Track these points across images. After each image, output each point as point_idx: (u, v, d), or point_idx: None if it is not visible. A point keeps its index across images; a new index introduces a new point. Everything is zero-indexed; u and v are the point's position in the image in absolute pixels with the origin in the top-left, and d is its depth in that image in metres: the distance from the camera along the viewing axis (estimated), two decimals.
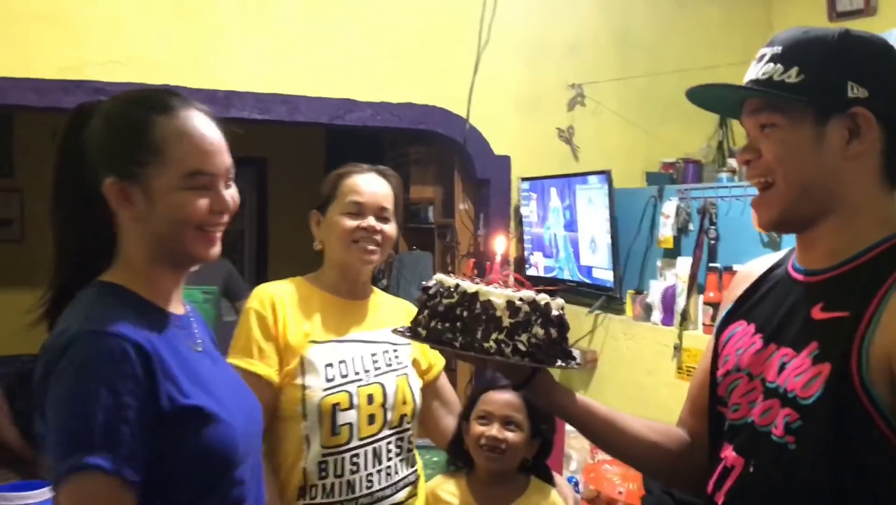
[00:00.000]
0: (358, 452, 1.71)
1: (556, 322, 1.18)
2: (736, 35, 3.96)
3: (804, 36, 1.11)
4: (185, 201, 1.16)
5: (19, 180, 5.38)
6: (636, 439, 1.29)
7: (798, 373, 1.06)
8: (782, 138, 1.10)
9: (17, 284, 5.29)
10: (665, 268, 2.85)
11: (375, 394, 1.74)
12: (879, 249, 1.08)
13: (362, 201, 1.79)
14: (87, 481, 1.03)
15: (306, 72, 3.37)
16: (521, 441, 1.77)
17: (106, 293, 1.16)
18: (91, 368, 1.05)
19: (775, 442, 1.07)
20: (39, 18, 3.01)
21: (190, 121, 1.18)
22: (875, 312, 1.01)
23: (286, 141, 5.54)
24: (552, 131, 3.79)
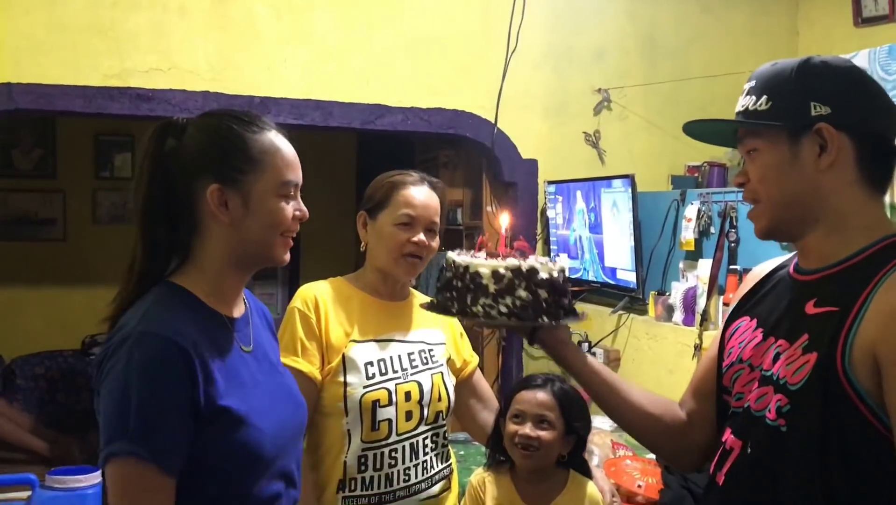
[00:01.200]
0: (396, 447, 1.78)
1: (543, 284, 1.32)
2: (761, 41, 4.00)
3: (772, 68, 1.24)
4: (279, 207, 1.30)
5: (61, 181, 5.55)
6: (636, 408, 1.41)
7: (789, 362, 1.16)
8: (763, 161, 1.22)
9: (60, 282, 5.49)
10: (687, 270, 2.91)
11: (413, 391, 1.80)
12: (868, 253, 1.17)
13: (415, 215, 1.82)
14: (125, 466, 1.15)
15: (339, 78, 3.48)
16: (553, 439, 1.80)
17: (169, 294, 1.26)
18: (137, 367, 1.16)
19: (769, 425, 1.17)
20: (87, 29, 3.16)
21: (278, 138, 1.34)
22: (861, 307, 1.10)
23: (318, 144, 5.66)
24: (579, 135, 3.87)
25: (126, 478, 1.15)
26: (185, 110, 3.24)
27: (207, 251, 1.30)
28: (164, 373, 1.16)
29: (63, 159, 5.55)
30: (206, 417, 1.20)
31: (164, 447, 1.16)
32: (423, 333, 1.90)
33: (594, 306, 3.36)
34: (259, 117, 1.34)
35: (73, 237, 5.57)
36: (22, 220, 5.47)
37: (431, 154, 4.76)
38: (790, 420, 1.14)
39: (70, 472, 1.89)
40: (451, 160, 4.54)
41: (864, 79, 1.23)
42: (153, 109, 3.21)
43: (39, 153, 5.50)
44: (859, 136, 1.19)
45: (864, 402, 1.08)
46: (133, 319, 1.21)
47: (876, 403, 1.08)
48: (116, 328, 1.23)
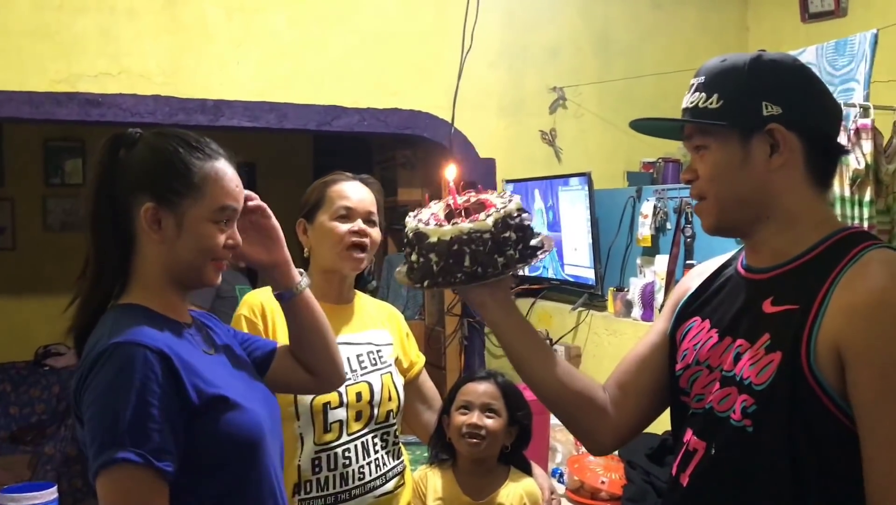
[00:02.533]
0: (348, 447, 1.78)
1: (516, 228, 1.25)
2: (712, 37, 4.07)
3: (722, 64, 1.23)
4: (211, 233, 1.31)
5: (10, 189, 5.43)
6: (559, 376, 1.33)
7: (752, 362, 1.16)
8: (713, 160, 1.22)
9: (10, 291, 5.36)
10: (644, 265, 2.94)
11: (363, 392, 1.81)
12: (821, 248, 1.18)
13: (352, 206, 1.85)
14: (119, 474, 1.14)
15: (294, 80, 3.45)
16: (499, 427, 1.86)
17: (126, 312, 1.28)
18: (117, 375, 1.17)
19: (734, 426, 1.16)
20: (32, 33, 3.09)
21: (225, 166, 1.35)
22: (821, 304, 1.11)
23: (274, 146, 5.61)
24: (535, 134, 3.89)
25: (123, 487, 1.15)
26: (136, 115, 3.19)
27: (145, 267, 1.32)
28: (145, 377, 1.17)
29: (11, 166, 5.42)
30: (200, 410, 1.22)
31: (158, 450, 1.16)
32: (370, 334, 1.90)
33: (554, 304, 3.38)
34: (209, 144, 1.36)
35: (22, 245, 5.45)
36: None
37: (389, 154, 4.75)
38: (756, 420, 1.14)
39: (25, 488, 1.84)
40: (409, 160, 4.53)
41: (811, 78, 1.24)
42: (103, 115, 3.15)
43: None
44: (808, 136, 1.20)
45: (831, 398, 1.09)
46: (101, 336, 1.22)
47: (841, 399, 1.09)
48: (86, 351, 1.24)
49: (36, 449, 4.73)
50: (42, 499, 1.81)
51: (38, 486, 1.86)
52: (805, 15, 3.78)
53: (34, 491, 1.83)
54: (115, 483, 1.15)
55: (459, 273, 1.24)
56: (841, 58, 2.66)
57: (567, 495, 2.54)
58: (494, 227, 1.25)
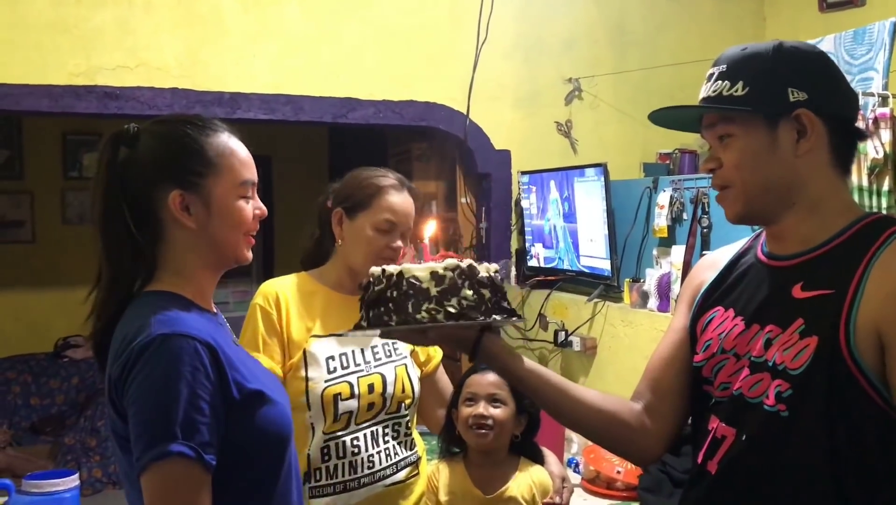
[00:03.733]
0: (357, 436, 1.80)
1: (486, 283, 1.26)
2: (729, 28, 4.04)
3: (744, 53, 1.23)
4: (240, 207, 1.32)
5: (29, 183, 5.48)
6: (587, 407, 1.34)
7: (786, 347, 1.16)
8: (739, 147, 1.22)
9: (30, 284, 5.41)
10: (660, 256, 2.93)
11: (376, 383, 1.82)
12: (849, 234, 1.19)
13: (396, 221, 1.84)
14: (172, 467, 1.14)
15: (310, 72, 3.46)
16: (507, 416, 1.86)
17: (161, 299, 1.26)
18: (168, 367, 1.16)
19: (767, 411, 1.17)
20: (51, 27, 3.11)
21: (232, 139, 1.35)
22: (857, 288, 1.12)
23: (290, 139, 5.63)
24: (551, 125, 3.88)
25: (176, 479, 1.15)
26: (153, 107, 3.21)
27: (177, 257, 1.31)
28: (195, 370, 1.17)
29: (30, 160, 5.48)
30: (238, 404, 1.23)
31: (206, 444, 1.17)
32: None
33: (570, 295, 3.38)
34: (211, 120, 1.36)
35: (42, 238, 5.50)
36: None
37: (404, 147, 4.75)
38: (792, 405, 1.14)
39: (47, 476, 1.87)
40: (424, 153, 4.54)
41: (831, 64, 1.25)
42: (121, 108, 3.18)
43: (6, 154, 5.43)
44: (832, 121, 1.20)
45: (870, 381, 1.10)
46: (142, 326, 1.20)
47: (880, 382, 1.10)
48: (125, 340, 1.21)
49: (56, 439, 4.79)
50: (64, 486, 1.85)
51: (60, 473, 1.89)
52: (823, 4, 3.75)
53: (56, 478, 1.86)
54: (166, 476, 1.15)
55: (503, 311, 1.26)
56: (859, 47, 2.64)
57: (583, 485, 2.55)
58: None
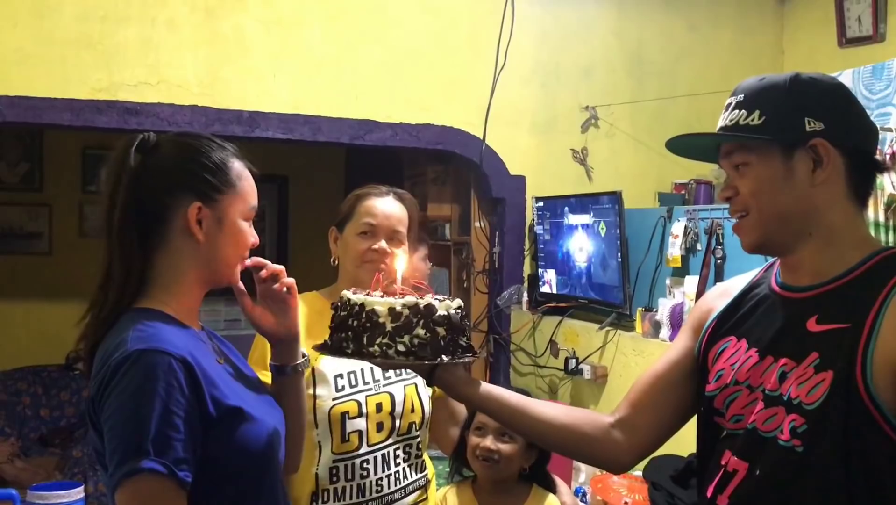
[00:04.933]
0: (367, 458, 1.78)
1: (441, 322, 1.29)
2: (747, 60, 4.05)
3: (761, 83, 1.24)
4: (245, 231, 1.36)
5: (47, 195, 5.53)
6: (548, 423, 1.38)
7: (801, 381, 1.15)
8: (755, 175, 1.22)
9: (46, 296, 5.44)
10: (674, 286, 2.92)
11: (384, 402, 1.81)
12: (865, 267, 1.18)
13: (376, 224, 1.86)
14: (144, 483, 1.13)
15: (328, 94, 3.49)
16: (514, 451, 1.83)
17: (145, 316, 1.27)
18: (142, 383, 1.16)
19: (782, 446, 1.15)
20: (75, 42, 3.16)
21: (246, 164, 1.39)
22: (874, 322, 1.11)
23: (307, 159, 5.66)
24: (566, 152, 3.89)
25: (147, 496, 1.14)
26: (173, 124, 3.24)
27: (171, 269, 1.31)
28: (170, 386, 1.17)
29: (50, 173, 5.52)
30: (216, 421, 1.22)
31: (180, 460, 1.16)
32: None
33: (581, 322, 3.36)
34: (230, 143, 1.39)
35: (59, 251, 5.53)
36: (7, 233, 5.44)
37: (420, 169, 4.77)
38: (807, 440, 1.13)
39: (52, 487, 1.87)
40: (440, 176, 4.55)
41: (850, 95, 1.25)
42: (141, 123, 3.21)
43: (26, 167, 5.48)
44: (849, 152, 1.20)
45: (886, 418, 1.09)
46: (123, 342, 1.20)
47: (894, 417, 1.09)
48: (105, 356, 1.21)
49: (64, 452, 4.79)
50: (69, 498, 1.84)
51: (65, 484, 1.89)
52: (842, 39, 3.75)
53: (61, 490, 1.85)
54: (137, 493, 1.14)
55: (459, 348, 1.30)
56: (878, 82, 2.63)
57: None
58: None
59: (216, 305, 5.99)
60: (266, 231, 6.19)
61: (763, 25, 4.14)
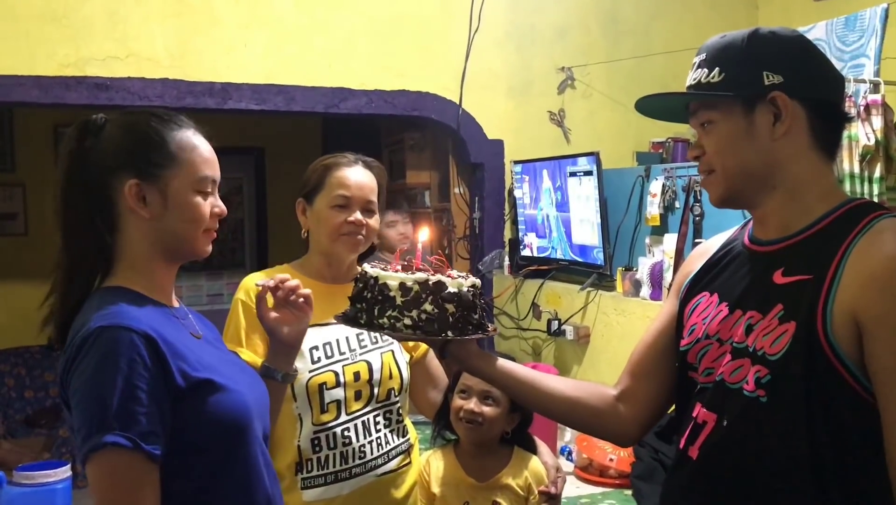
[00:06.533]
0: (348, 426, 1.79)
1: (450, 298, 1.31)
2: (721, 16, 4.03)
3: (721, 40, 1.25)
4: (196, 203, 1.33)
5: (21, 175, 5.44)
6: (557, 397, 1.41)
7: (766, 333, 1.17)
8: (719, 132, 1.23)
9: (23, 277, 5.38)
10: (653, 245, 2.93)
11: (362, 371, 1.81)
12: (830, 219, 1.19)
13: (350, 195, 1.83)
14: (108, 457, 1.15)
15: (301, 62, 3.45)
16: (497, 414, 1.85)
17: (109, 295, 1.28)
18: (104, 359, 1.17)
19: (747, 397, 1.17)
20: (40, 17, 3.09)
21: (196, 135, 1.36)
22: (835, 273, 1.12)
23: (283, 130, 5.61)
24: (544, 115, 3.88)
25: (112, 470, 1.16)
26: (144, 98, 3.20)
27: (131, 247, 1.32)
28: (132, 361, 1.17)
29: (22, 152, 5.44)
30: (185, 393, 1.22)
31: (146, 433, 1.16)
32: None
33: (563, 284, 3.38)
34: (178, 116, 1.37)
35: (34, 231, 5.46)
36: None
37: (397, 137, 4.74)
38: (771, 390, 1.15)
39: (38, 467, 1.86)
40: (418, 143, 4.53)
41: (810, 47, 1.25)
42: (112, 98, 3.16)
43: None
44: (811, 104, 1.21)
45: (847, 367, 1.10)
46: (87, 320, 1.22)
47: (857, 368, 1.10)
48: (72, 335, 1.23)
49: (51, 432, 4.79)
50: (55, 477, 1.83)
51: (51, 464, 1.88)
52: None
53: (48, 469, 1.85)
54: (104, 467, 1.16)
55: (469, 325, 1.33)
56: (851, 33, 2.64)
57: (575, 473, 2.56)
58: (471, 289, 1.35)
59: (197, 281, 5.98)
60: (245, 203, 6.14)
61: None
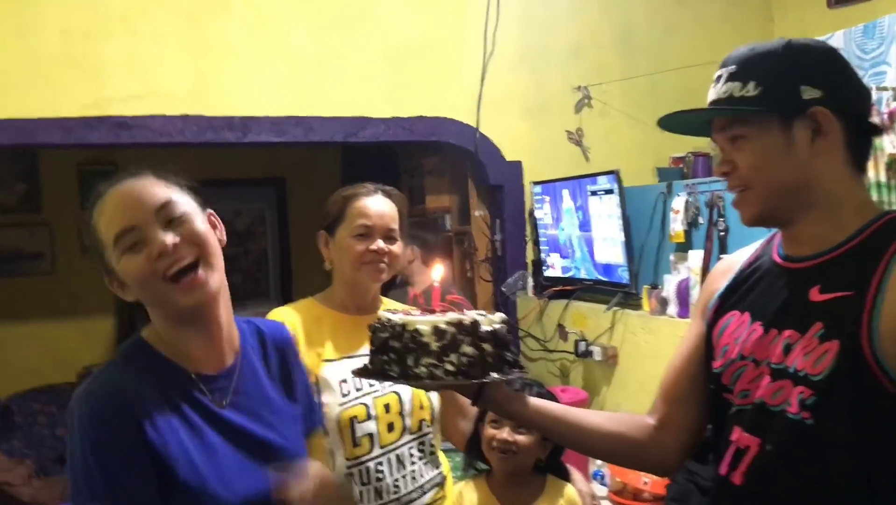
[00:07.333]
0: (381, 460, 1.77)
1: (487, 337, 1.22)
2: (736, 29, 4.01)
3: (753, 52, 1.21)
4: (126, 266, 1.21)
5: (47, 215, 5.52)
6: (598, 434, 1.36)
7: (806, 352, 1.13)
8: (754, 148, 1.20)
9: (51, 315, 5.44)
10: (678, 262, 2.90)
11: (392, 402, 1.80)
12: (866, 233, 1.16)
13: (371, 224, 1.84)
14: None
15: (318, 93, 3.47)
16: (531, 442, 1.82)
17: (132, 350, 1.26)
18: (81, 428, 1.16)
19: (791, 419, 1.14)
20: (61, 60, 3.14)
21: (115, 191, 1.24)
22: (878, 288, 1.09)
23: (302, 158, 5.64)
24: (561, 134, 3.87)
25: None
26: (165, 135, 3.23)
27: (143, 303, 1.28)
28: (103, 431, 1.16)
29: (47, 192, 5.52)
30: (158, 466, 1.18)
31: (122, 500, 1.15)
32: None
33: (588, 304, 3.35)
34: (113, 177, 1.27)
35: (61, 269, 5.53)
36: (10, 256, 5.43)
37: (416, 162, 4.75)
38: (816, 412, 1.12)
39: None
40: (437, 167, 4.54)
41: (842, 59, 1.23)
42: (133, 136, 3.20)
43: (23, 188, 5.47)
44: (847, 118, 1.18)
45: (894, 383, 1.07)
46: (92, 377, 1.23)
47: None
48: None
49: None
50: None
51: None
52: (831, 0, 3.72)
53: None
54: None
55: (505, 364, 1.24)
56: (870, 41, 2.61)
57: (609, 497, 2.52)
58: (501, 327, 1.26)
59: None
60: (268, 233, 6.18)
61: None
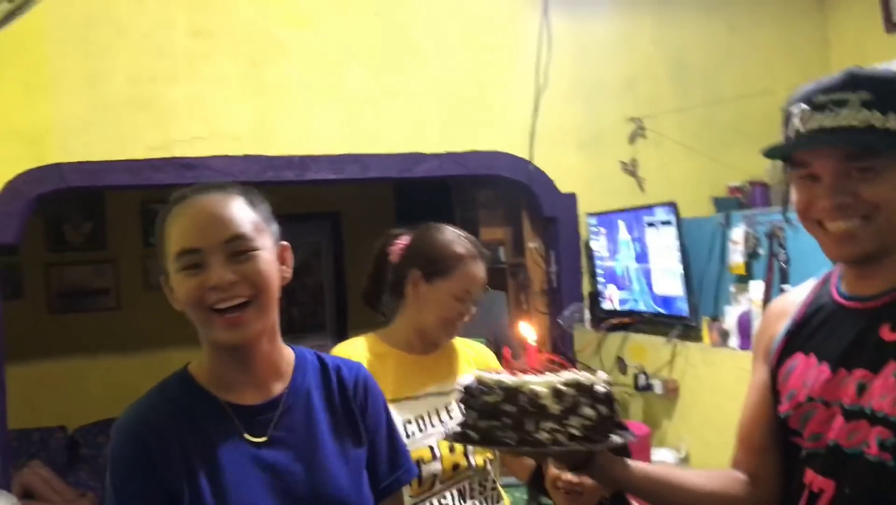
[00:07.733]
0: (445, 493, 1.78)
1: (602, 398, 1.17)
2: (792, 56, 3.97)
3: (887, 76, 1.14)
4: (178, 283, 1.19)
5: (112, 251, 5.69)
6: (698, 494, 1.32)
7: (883, 393, 1.11)
8: (888, 179, 1.13)
9: (117, 350, 5.59)
10: (738, 293, 2.86)
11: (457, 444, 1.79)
12: None
13: (473, 291, 1.87)
14: None
15: (374, 130, 3.54)
16: (596, 484, 1.79)
17: (168, 379, 1.27)
18: (111, 459, 1.19)
19: (870, 462, 1.11)
20: (128, 105, 3.27)
21: (195, 202, 1.21)
22: None
23: (357, 192, 5.73)
24: (615, 165, 3.86)
25: None
26: (227, 175, 3.31)
27: None
28: (127, 465, 1.17)
29: (112, 230, 5.69)
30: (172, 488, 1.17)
31: None
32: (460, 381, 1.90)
33: (647, 337, 3.32)
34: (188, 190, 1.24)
35: (126, 305, 5.68)
36: (76, 292, 5.61)
37: (469, 195, 4.79)
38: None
39: None
40: (490, 200, 4.56)
41: None
42: (197, 176, 3.29)
43: (89, 226, 5.66)
44: None
45: None
46: None
47: None
48: None
49: None
50: None
51: None
52: (889, 25, 3.66)
53: None
54: None
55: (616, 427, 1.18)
56: None
57: None
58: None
59: None
60: (323, 266, 6.27)
61: (806, 19, 4.05)
